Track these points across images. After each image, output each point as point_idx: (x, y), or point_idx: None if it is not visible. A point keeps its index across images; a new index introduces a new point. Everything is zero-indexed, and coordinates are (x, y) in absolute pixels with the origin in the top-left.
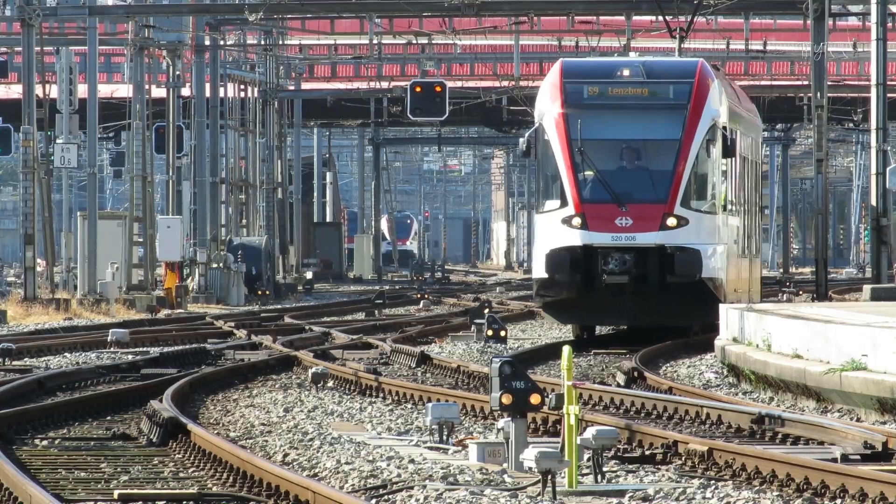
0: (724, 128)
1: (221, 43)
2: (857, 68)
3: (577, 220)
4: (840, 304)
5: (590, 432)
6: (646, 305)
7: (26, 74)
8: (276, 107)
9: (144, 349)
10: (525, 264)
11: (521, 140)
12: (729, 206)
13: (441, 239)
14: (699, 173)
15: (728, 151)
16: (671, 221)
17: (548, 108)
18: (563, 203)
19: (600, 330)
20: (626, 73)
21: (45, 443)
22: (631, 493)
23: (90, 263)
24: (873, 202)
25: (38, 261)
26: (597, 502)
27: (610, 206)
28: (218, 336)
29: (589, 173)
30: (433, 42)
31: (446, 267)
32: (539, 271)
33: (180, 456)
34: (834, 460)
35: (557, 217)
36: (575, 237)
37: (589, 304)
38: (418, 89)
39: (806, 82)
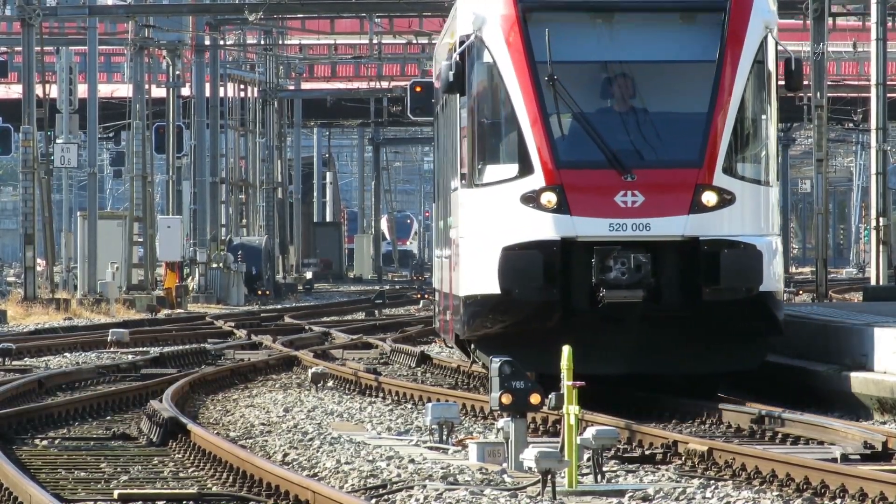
0: (778, 42)
1: (221, 43)
2: (857, 68)
3: (549, 198)
4: (841, 303)
5: (590, 432)
6: (664, 341)
7: (26, 74)
8: (276, 107)
9: (144, 349)
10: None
11: (441, 65)
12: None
13: None
14: (749, 118)
15: (795, 80)
16: (709, 198)
17: (489, 10)
18: (525, 169)
19: None
20: None
21: (45, 443)
22: (631, 493)
23: (90, 263)
24: (873, 202)
25: (38, 261)
26: (597, 502)
27: (606, 173)
28: (218, 336)
29: (568, 119)
30: (433, 42)
31: None
32: (478, 284)
33: (180, 456)
34: (834, 460)
35: (513, 192)
36: (547, 226)
37: (565, 338)
38: (418, 89)
39: (806, 82)
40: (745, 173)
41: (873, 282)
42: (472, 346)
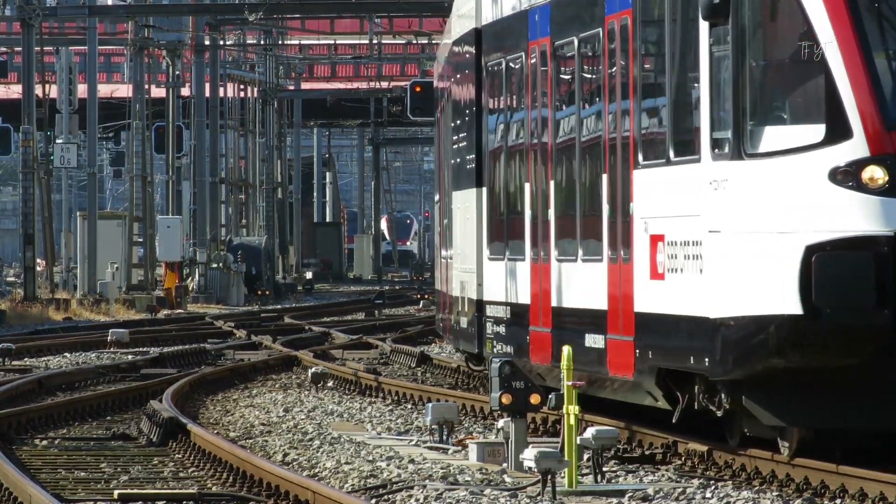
0: None
1: (221, 43)
2: None
3: (876, 173)
4: None
5: (590, 432)
6: None
7: (26, 74)
8: (276, 107)
9: (144, 349)
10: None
11: None
12: None
13: None
14: None
15: None
16: None
17: None
18: (836, 132)
19: None
20: None
21: (45, 443)
22: (631, 493)
23: (90, 263)
24: None
25: (38, 261)
26: (597, 502)
27: None
28: (218, 336)
29: None
30: (433, 42)
31: None
32: (756, 300)
33: (180, 456)
34: (834, 460)
35: (816, 166)
36: (873, 215)
37: (889, 381)
38: (418, 89)
39: None
40: None
41: None
42: (727, 389)
